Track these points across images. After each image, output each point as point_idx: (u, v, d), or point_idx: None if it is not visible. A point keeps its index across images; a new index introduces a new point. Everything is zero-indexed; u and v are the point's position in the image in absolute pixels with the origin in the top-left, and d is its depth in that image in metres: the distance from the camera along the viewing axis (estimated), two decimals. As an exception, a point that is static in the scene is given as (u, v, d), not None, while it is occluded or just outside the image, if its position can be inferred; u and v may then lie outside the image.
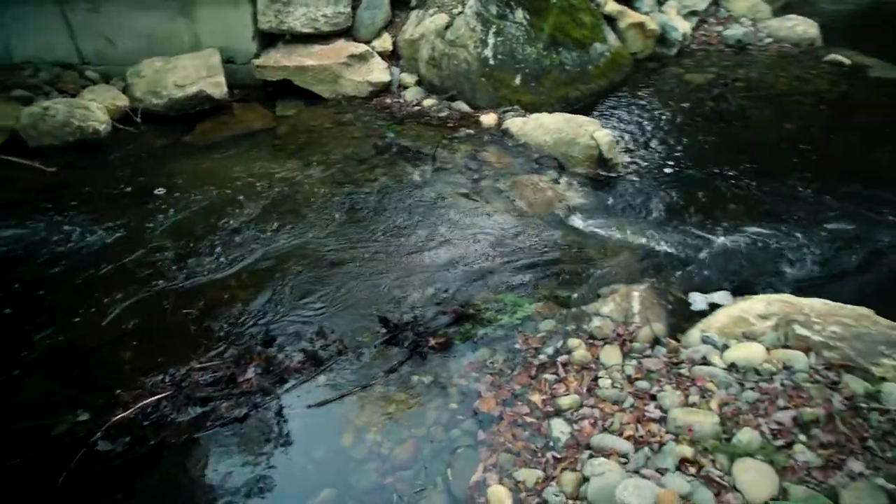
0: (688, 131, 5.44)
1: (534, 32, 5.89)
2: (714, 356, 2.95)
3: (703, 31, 7.90)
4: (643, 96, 6.10)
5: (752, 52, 7.31)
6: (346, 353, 3.32)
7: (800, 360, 2.84)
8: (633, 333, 3.12)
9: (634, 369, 2.94)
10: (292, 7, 6.05)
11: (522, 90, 5.71)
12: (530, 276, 3.75)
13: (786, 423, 2.57)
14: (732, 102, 5.95)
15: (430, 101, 5.90)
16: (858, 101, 5.98)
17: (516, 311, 3.43)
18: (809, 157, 5.01)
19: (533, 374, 3.02)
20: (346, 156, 5.20)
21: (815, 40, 7.44)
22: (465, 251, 4.00)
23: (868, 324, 2.99)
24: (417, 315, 3.47)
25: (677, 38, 7.15)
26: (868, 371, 2.75)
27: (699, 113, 5.76)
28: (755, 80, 6.45)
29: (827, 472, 2.38)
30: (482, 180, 4.71)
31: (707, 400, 2.72)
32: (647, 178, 4.73)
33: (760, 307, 3.15)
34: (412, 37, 6.19)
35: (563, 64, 5.91)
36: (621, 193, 4.55)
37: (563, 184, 4.61)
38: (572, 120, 4.96)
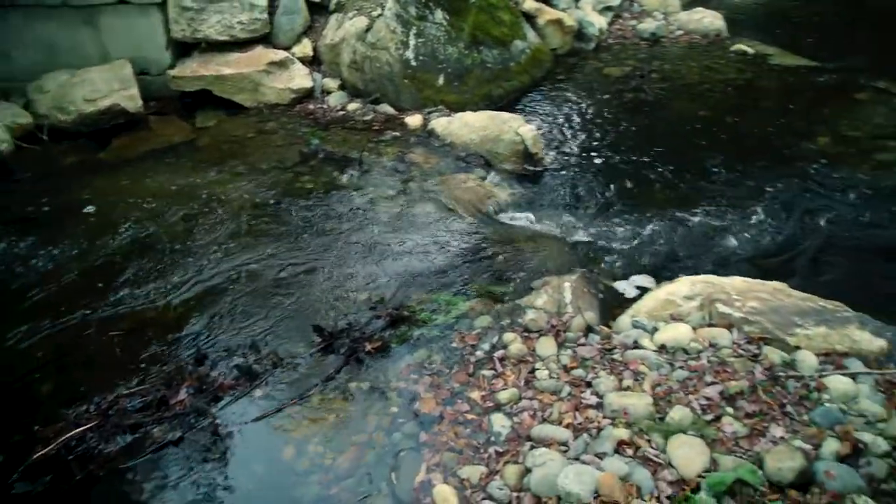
0: (609, 122, 5.60)
1: (454, 32, 5.93)
2: (644, 339, 3.04)
3: (618, 25, 8.14)
4: (565, 90, 6.23)
5: (665, 44, 7.58)
6: (281, 365, 3.25)
7: (723, 336, 2.96)
8: (567, 323, 3.18)
9: (570, 358, 3.00)
10: (206, 14, 5.88)
11: (446, 90, 5.73)
12: (463, 274, 3.77)
13: (714, 397, 2.68)
14: (649, 93, 6.16)
15: (355, 105, 5.85)
16: (762, 86, 6.29)
17: (451, 309, 3.44)
18: (723, 141, 5.25)
19: (471, 372, 3.04)
20: (272, 165, 5.10)
21: (722, 31, 7.78)
22: (397, 254, 3.99)
23: (783, 297, 3.16)
24: (352, 321, 3.43)
25: (594, 33, 7.34)
26: (784, 341, 2.90)
27: (619, 104, 5.94)
28: (669, 71, 6.69)
29: (752, 439, 2.49)
30: (410, 182, 4.70)
31: (640, 382, 2.80)
32: (572, 170, 4.84)
33: (685, 289, 3.27)
34: (333, 41, 6.12)
35: (485, 62, 5.98)
36: (548, 186, 4.65)
37: (491, 180, 4.67)
38: (496, 117, 5.02)
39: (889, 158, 4.88)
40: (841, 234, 4.10)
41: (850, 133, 5.32)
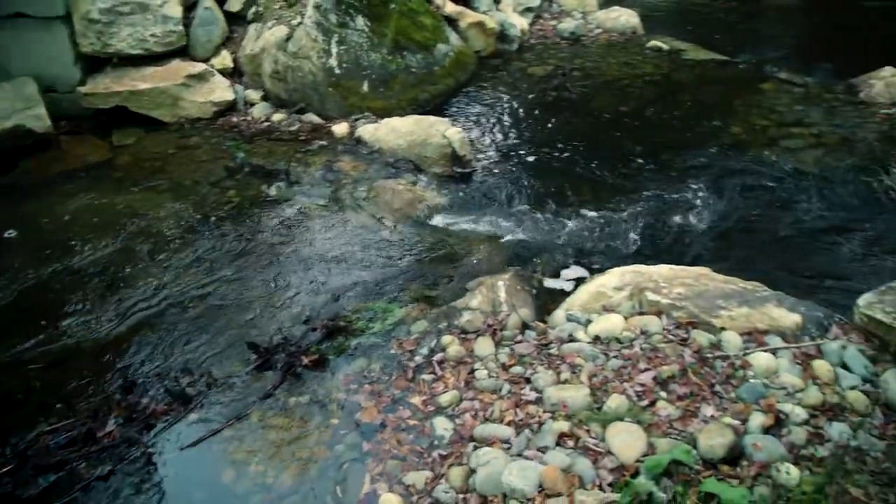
0: (535, 120, 5.71)
1: (377, 38, 5.92)
2: (579, 332, 3.10)
3: (539, 25, 8.31)
4: (490, 92, 6.31)
5: (585, 42, 7.78)
6: (216, 386, 3.15)
7: (654, 323, 3.05)
8: (503, 322, 3.22)
9: (508, 356, 3.03)
10: (116, 27, 5.65)
11: (371, 97, 5.71)
12: (398, 281, 3.76)
13: (648, 383, 2.76)
14: (572, 90, 6.31)
15: (280, 116, 5.75)
16: (678, 80, 6.55)
17: (387, 317, 3.43)
18: (644, 134, 5.43)
19: (410, 377, 3.03)
20: (196, 181, 4.95)
21: (637, 29, 8.06)
22: (329, 264, 3.94)
23: (707, 281, 3.29)
24: (287, 336, 3.37)
25: (516, 34, 7.47)
26: (710, 324, 3.02)
27: (543, 103, 6.05)
28: (590, 68, 6.87)
29: (685, 420, 2.57)
30: (340, 190, 4.66)
31: (577, 374, 2.86)
32: (501, 170, 4.90)
33: (615, 280, 3.36)
34: (253, 51, 6.00)
35: (409, 67, 5.98)
36: (478, 187, 4.69)
37: (421, 185, 4.67)
38: (423, 121, 5.04)
39: (794, 144, 5.16)
40: (756, 218, 4.31)
41: (760, 122, 5.60)
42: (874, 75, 6.14)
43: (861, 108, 5.79)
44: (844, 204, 4.41)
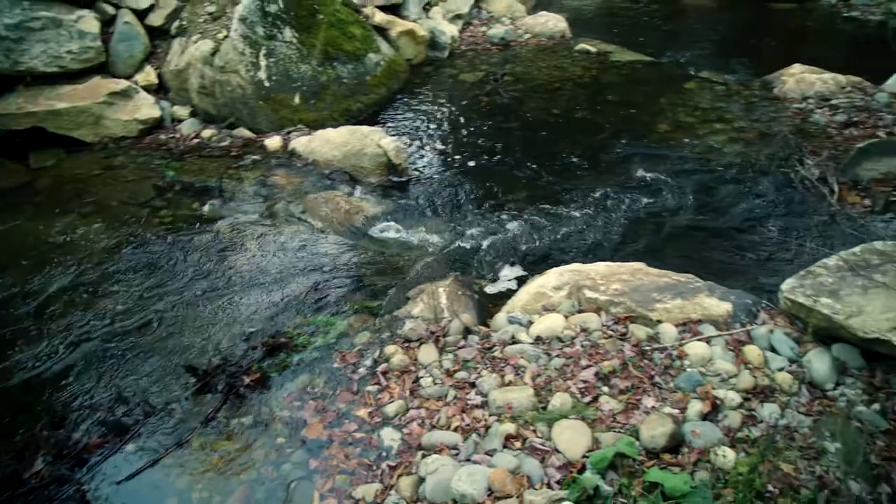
0: (469, 126, 5.75)
1: (306, 50, 5.85)
2: (521, 333, 3.13)
3: (469, 32, 8.41)
4: (423, 99, 6.33)
5: (514, 47, 7.91)
6: (154, 413, 3.04)
7: (593, 320, 3.11)
8: (445, 328, 3.22)
9: (452, 362, 3.03)
10: (27, 44, 5.38)
11: (303, 109, 5.64)
12: (339, 293, 3.71)
13: (590, 380, 2.81)
14: (504, 95, 6.40)
15: (210, 132, 5.61)
16: (606, 81, 6.74)
17: (329, 330, 3.38)
18: (576, 135, 5.56)
19: (355, 390, 2.99)
20: (124, 202, 4.77)
21: (565, 33, 8.25)
22: (268, 280, 3.86)
23: (642, 276, 3.37)
24: (227, 356, 3.28)
25: (447, 41, 7.53)
26: (647, 317, 3.10)
27: (476, 108, 6.12)
28: (521, 73, 6.99)
29: (628, 413, 2.63)
30: (275, 205, 4.58)
31: (521, 376, 2.88)
32: (437, 177, 4.92)
33: (554, 280, 3.41)
34: (178, 67, 5.84)
35: (341, 77, 5.94)
36: (415, 195, 4.69)
37: (358, 195, 4.65)
38: (357, 131, 5.01)
39: (717, 139, 5.39)
40: (686, 212, 4.46)
41: (685, 119, 5.82)
42: (785, 72, 6.47)
43: (776, 103, 6.09)
44: (766, 194, 4.62)
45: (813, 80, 6.24)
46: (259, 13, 5.69)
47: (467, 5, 8.71)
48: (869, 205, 4.41)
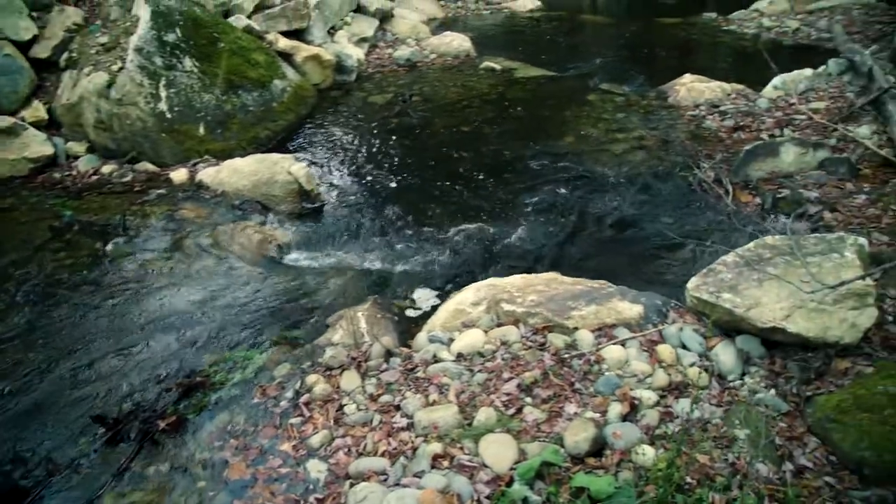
0: (380, 148, 5.76)
1: (208, 79, 5.71)
2: (443, 351, 3.14)
3: (376, 55, 8.46)
4: (333, 124, 6.30)
5: (421, 68, 8.02)
6: (59, 471, 2.83)
7: (512, 333, 3.16)
8: (367, 353, 3.18)
9: (375, 387, 3.00)
10: None
11: (209, 139, 5.49)
12: (257, 325, 3.61)
13: (513, 392, 2.84)
14: (414, 115, 6.46)
15: (110, 168, 5.36)
16: (513, 97, 6.92)
17: (248, 364, 3.27)
18: (486, 152, 5.66)
19: (278, 424, 2.90)
20: (17, 247, 4.47)
21: (470, 52, 8.44)
22: (181, 318, 3.70)
23: (557, 285, 3.46)
24: (139, 401, 3.11)
25: (353, 64, 7.53)
26: (564, 326, 3.18)
27: (387, 130, 6.14)
28: (429, 93, 7.08)
29: (551, 422, 2.68)
30: (184, 239, 4.41)
31: (445, 394, 2.89)
32: (351, 201, 4.89)
33: (471, 295, 3.45)
34: (70, 101, 5.56)
35: (246, 105, 5.83)
36: (330, 221, 4.64)
37: (271, 224, 4.55)
38: (266, 159, 4.91)
39: (620, 148, 5.63)
40: (596, 220, 4.62)
41: (589, 130, 6.04)
42: (678, 82, 6.86)
43: (671, 111, 6.43)
44: (668, 199, 4.86)
45: (702, 88, 6.63)
46: (156, 43, 5.51)
47: (372, 28, 8.77)
48: (759, 202, 4.72)
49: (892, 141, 5.03)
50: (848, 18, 9.33)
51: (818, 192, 4.67)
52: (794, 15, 10.30)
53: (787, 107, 6.16)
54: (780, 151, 5.02)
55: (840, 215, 4.37)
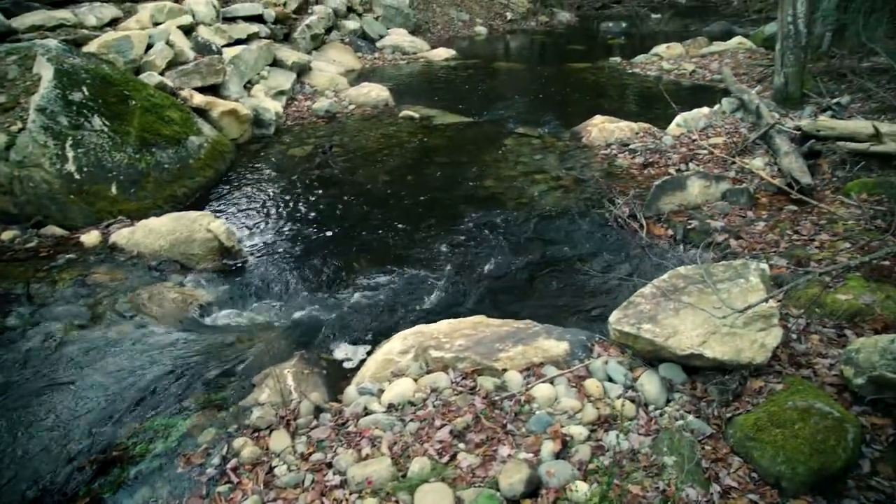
0: (302, 201, 5.72)
1: (120, 137, 5.55)
2: (373, 403, 3.10)
3: (294, 107, 8.48)
4: (253, 178, 6.22)
5: (340, 119, 8.08)
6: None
7: (441, 379, 3.16)
8: (295, 410, 3.10)
9: (306, 445, 2.91)
10: None
11: (123, 199, 5.30)
12: (179, 391, 3.44)
13: (446, 439, 2.82)
14: (335, 166, 6.47)
15: (11, 234, 5.05)
16: (432, 144, 7.06)
17: (170, 433, 3.11)
18: (408, 199, 5.72)
19: (204, 493, 2.76)
20: None
21: (389, 101, 8.59)
22: (96, 390, 3.49)
23: (484, 328, 3.49)
24: (47, 485, 2.89)
25: (272, 118, 7.51)
26: (493, 368, 3.20)
27: (308, 182, 6.11)
28: (349, 143, 7.13)
29: (486, 466, 2.67)
30: (98, 305, 4.19)
31: (378, 447, 2.83)
32: (274, 256, 4.80)
33: (399, 344, 3.43)
34: (-34, 166, 5.26)
35: (161, 163, 5.69)
36: (252, 277, 4.53)
37: (191, 284, 4.40)
38: (183, 217, 4.78)
39: (539, 189, 5.82)
40: (519, 260, 4.72)
41: (508, 173, 6.22)
42: (590, 123, 7.20)
43: (585, 151, 6.73)
44: (587, 235, 5.03)
45: (613, 128, 6.98)
46: (61, 102, 5.33)
47: (289, 81, 8.81)
48: (672, 234, 4.96)
49: (781, 171, 5.42)
50: (734, 61, 10.14)
51: (723, 222, 4.95)
52: (689, 58, 11.09)
53: (690, 143, 6.56)
54: (687, 185, 5.31)
55: (744, 242, 4.64)
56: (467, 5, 16.05)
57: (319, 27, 11.02)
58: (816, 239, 4.49)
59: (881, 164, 5.25)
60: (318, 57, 10.62)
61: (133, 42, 6.64)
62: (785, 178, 5.29)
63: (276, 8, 10.02)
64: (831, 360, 3.21)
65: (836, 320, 3.52)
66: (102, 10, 6.93)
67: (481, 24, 15.38)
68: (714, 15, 18.04)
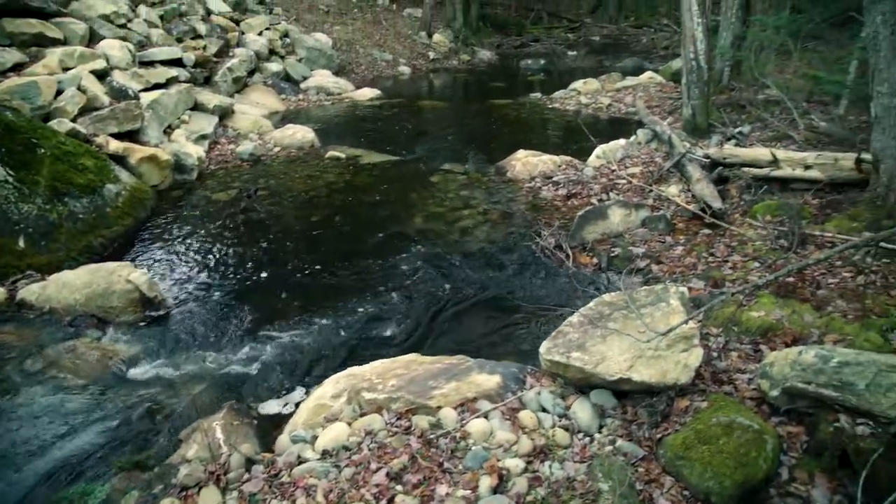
0: (227, 247, 5.58)
1: (27, 187, 5.28)
2: (307, 451, 3.01)
3: (217, 151, 8.33)
4: (175, 225, 6.03)
5: (266, 161, 7.99)
6: None
7: (376, 421, 3.11)
8: (225, 465, 2.97)
9: (237, 500, 2.79)
10: None
11: (32, 252, 5.02)
12: (98, 454, 3.24)
13: (382, 482, 2.77)
14: (261, 210, 6.37)
15: None
16: (360, 184, 7.07)
17: (88, 501, 2.92)
18: (338, 240, 5.68)
19: (127, 564, 2.60)
20: None
21: (314, 142, 8.57)
22: (11, 460, 3.25)
23: (416, 366, 3.48)
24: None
25: (193, 162, 7.35)
26: (427, 406, 3.18)
27: (233, 227, 5.98)
28: (276, 186, 7.04)
29: (425, 507, 2.63)
30: (5, 368, 3.92)
31: (313, 496, 2.75)
32: (200, 305, 4.65)
33: (331, 389, 3.36)
34: None
35: (75, 213, 5.45)
36: (178, 328, 4.36)
37: (110, 339, 4.18)
38: (101, 269, 4.57)
39: (467, 224, 5.90)
40: (450, 296, 4.74)
41: (436, 209, 6.29)
42: (514, 157, 7.39)
43: (510, 185, 6.89)
44: (515, 268, 5.12)
45: (536, 162, 7.20)
46: (-38, 155, 5.05)
47: (211, 125, 8.67)
48: (597, 262, 5.11)
49: (695, 197, 5.71)
50: (647, 95, 10.69)
51: (644, 248, 5.16)
52: (605, 93, 11.61)
53: (610, 173, 6.83)
54: (609, 214, 5.52)
55: (665, 266, 4.84)
56: (390, 46, 16.33)
57: (241, 70, 10.94)
58: (730, 260, 4.73)
59: (781, 187, 5.62)
60: (241, 100, 10.52)
61: (40, 87, 6.38)
62: (699, 204, 5.57)
63: (196, 51, 9.89)
64: (749, 375, 3.36)
65: (752, 336, 3.70)
66: (4, 55, 6.65)
67: (404, 63, 15.65)
68: (626, 51, 19.06)
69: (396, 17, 18.51)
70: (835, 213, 4.92)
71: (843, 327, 3.54)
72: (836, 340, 3.45)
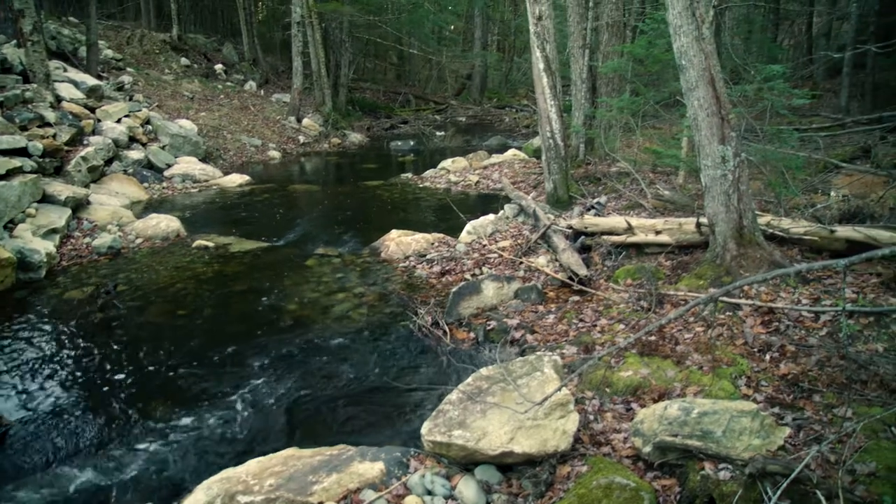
0: (82, 349, 5.11)
1: None
2: (174, 573, 2.72)
3: (70, 245, 7.74)
4: (19, 330, 5.45)
5: (127, 254, 7.52)
6: None
7: (252, 527, 2.88)
8: None
9: None
10: None
11: None
12: None
13: None
14: (122, 306, 5.93)
15: None
16: (230, 273, 6.80)
17: None
18: (207, 333, 5.37)
19: None
20: None
21: (180, 232, 8.21)
22: None
23: (295, 462, 3.30)
24: None
25: (42, 259, 6.77)
26: (308, 503, 3.00)
27: (89, 327, 5.50)
28: (138, 280, 6.61)
29: None
30: None
31: None
32: (48, 418, 4.16)
33: (203, 496, 3.09)
34: None
35: None
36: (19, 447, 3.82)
37: (-69, 468, 3.63)
38: (-78, 388, 4.01)
39: (343, 308, 5.82)
40: (328, 384, 4.58)
41: (311, 295, 6.15)
42: (387, 238, 7.47)
43: (385, 265, 6.92)
44: (393, 349, 5.07)
45: (409, 241, 7.31)
46: None
47: (63, 218, 8.08)
48: (474, 337, 5.19)
49: (562, 266, 6.02)
50: (512, 171, 11.33)
51: (518, 319, 5.31)
52: (473, 170, 12.17)
53: (481, 248, 7.06)
54: (482, 288, 5.66)
55: (539, 335, 5.00)
56: (259, 131, 16.25)
57: (98, 158, 10.37)
58: (598, 324, 4.98)
59: (637, 252, 6.07)
60: (98, 190, 9.92)
61: None
62: (566, 272, 5.87)
63: (45, 140, 9.28)
64: (624, 434, 3.49)
65: (623, 396, 3.87)
66: None
67: (274, 148, 15.60)
68: (490, 130, 20.24)
69: (264, 103, 18.55)
70: (684, 273, 5.36)
71: (700, 379, 3.79)
72: (696, 392, 3.68)
